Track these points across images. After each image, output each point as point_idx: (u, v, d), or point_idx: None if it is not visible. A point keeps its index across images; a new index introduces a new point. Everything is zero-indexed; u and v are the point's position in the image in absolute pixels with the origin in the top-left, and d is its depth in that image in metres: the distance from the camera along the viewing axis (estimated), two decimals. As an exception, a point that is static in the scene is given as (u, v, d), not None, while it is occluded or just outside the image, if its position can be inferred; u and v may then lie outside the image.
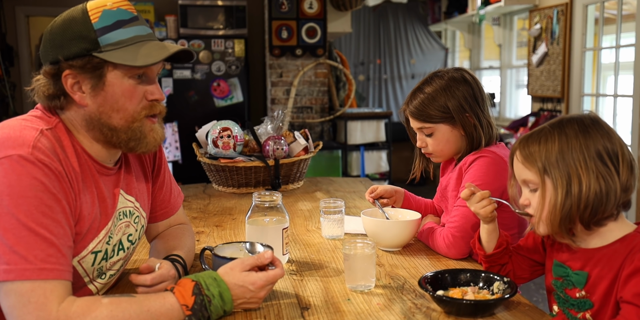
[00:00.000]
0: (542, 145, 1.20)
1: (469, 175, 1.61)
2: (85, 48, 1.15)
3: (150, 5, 5.38)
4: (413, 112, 1.68)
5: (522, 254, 1.39)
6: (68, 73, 1.16)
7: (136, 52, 1.17)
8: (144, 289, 1.22)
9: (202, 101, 5.25)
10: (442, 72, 1.69)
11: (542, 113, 4.87)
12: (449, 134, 1.67)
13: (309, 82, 5.38)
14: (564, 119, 1.22)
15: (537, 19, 4.96)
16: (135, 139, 1.22)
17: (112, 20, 1.17)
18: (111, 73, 1.17)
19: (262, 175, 2.45)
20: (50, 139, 1.13)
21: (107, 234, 1.24)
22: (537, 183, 1.20)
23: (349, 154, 5.38)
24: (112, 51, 1.16)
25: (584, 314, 1.22)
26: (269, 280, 1.19)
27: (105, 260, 1.26)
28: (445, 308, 1.21)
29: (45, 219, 1.04)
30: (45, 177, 1.06)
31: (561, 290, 1.26)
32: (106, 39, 1.16)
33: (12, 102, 5.51)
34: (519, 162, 1.23)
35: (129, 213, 1.32)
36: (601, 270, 1.18)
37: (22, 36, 5.92)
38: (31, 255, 1.01)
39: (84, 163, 1.20)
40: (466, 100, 1.64)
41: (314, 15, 5.17)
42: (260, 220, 1.52)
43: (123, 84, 1.18)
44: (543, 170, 1.18)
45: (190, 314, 1.10)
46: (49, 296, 1.01)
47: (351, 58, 7.37)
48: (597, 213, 1.15)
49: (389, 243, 1.64)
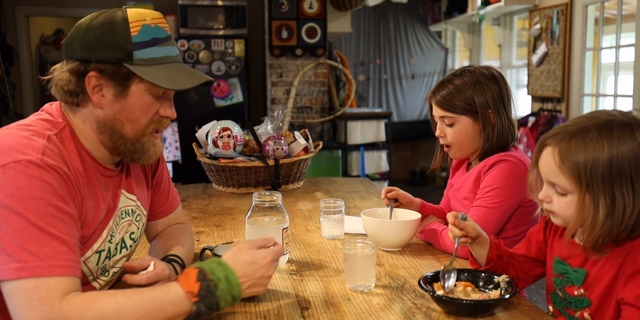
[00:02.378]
0: (588, 153, 1.08)
1: (490, 177, 1.62)
2: (119, 57, 1.17)
3: (150, 5, 5.38)
4: (439, 100, 1.70)
5: (524, 254, 1.39)
6: (94, 75, 1.18)
7: (166, 73, 1.21)
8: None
9: (202, 101, 5.25)
10: (474, 68, 1.71)
11: (542, 113, 4.87)
12: (469, 127, 1.68)
13: (309, 82, 5.38)
14: (612, 122, 1.10)
15: (537, 19, 4.96)
16: (140, 152, 1.26)
17: (150, 36, 1.20)
18: (136, 86, 1.20)
19: (262, 175, 2.45)
20: (57, 144, 1.14)
21: (109, 233, 1.26)
22: (570, 191, 1.12)
23: (349, 154, 5.38)
24: (144, 67, 1.19)
25: (581, 312, 1.21)
26: (276, 254, 1.21)
27: (108, 259, 1.28)
28: (445, 308, 1.21)
29: (54, 219, 1.05)
30: (54, 180, 1.08)
31: (560, 287, 1.26)
32: (141, 53, 1.19)
33: (12, 102, 5.51)
34: (554, 163, 1.12)
35: (131, 211, 1.34)
36: (601, 269, 1.17)
37: (22, 36, 5.92)
38: (42, 253, 1.02)
39: (88, 166, 1.22)
40: (492, 98, 1.66)
41: (314, 15, 5.17)
42: (260, 220, 1.52)
43: (144, 98, 1.21)
44: (585, 183, 1.08)
45: (197, 300, 1.08)
46: (52, 291, 1.01)
47: (351, 58, 7.37)
48: (634, 231, 1.10)
49: (389, 243, 1.64)
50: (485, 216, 1.57)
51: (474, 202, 1.64)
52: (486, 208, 1.59)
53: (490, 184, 1.61)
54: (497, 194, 1.59)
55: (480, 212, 1.59)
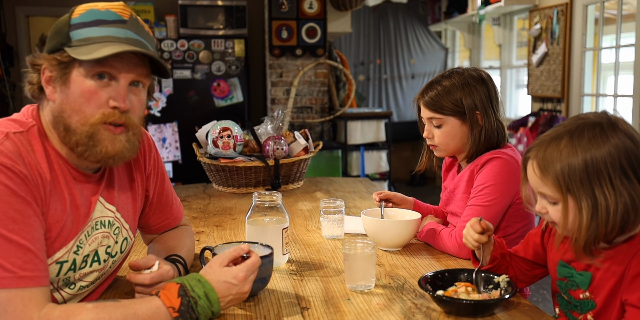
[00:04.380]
0: (563, 159, 1.10)
1: (482, 176, 1.62)
2: (60, 42, 1.14)
3: (150, 5, 5.37)
4: (427, 101, 1.70)
5: (522, 256, 1.39)
6: (45, 67, 1.15)
7: (96, 49, 1.11)
8: (141, 289, 1.21)
9: (202, 101, 5.24)
10: (462, 69, 1.72)
11: (542, 113, 4.87)
12: (457, 129, 1.68)
13: (309, 82, 5.38)
14: (582, 125, 1.12)
15: (537, 19, 4.96)
16: (83, 144, 1.13)
17: (92, 18, 1.14)
18: (76, 70, 1.12)
19: (262, 175, 2.45)
20: (15, 143, 1.08)
21: (76, 244, 1.18)
22: (558, 199, 1.13)
23: (349, 154, 5.38)
24: (77, 47, 1.12)
25: (585, 315, 1.21)
26: (249, 269, 1.18)
27: (72, 271, 1.18)
28: (445, 308, 1.21)
29: (17, 225, 1.01)
30: (10, 180, 1.02)
31: (565, 291, 1.26)
32: (77, 34, 1.13)
33: (12, 102, 5.51)
34: (536, 176, 1.15)
35: (107, 223, 1.25)
36: (606, 272, 1.17)
37: (22, 36, 5.92)
38: (8, 263, 0.98)
39: (57, 168, 1.15)
40: (481, 100, 1.66)
41: (314, 15, 5.17)
42: (260, 220, 1.52)
43: (84, 83, 1.12)
44: (566, 189, 1.10)
45: (177, 315, 1.08)
46: (27, 304, 0.98)
47: (351, 58, 7.37)
48: (624, 230, 1.11)
49: (389, 243, 1.64)
50: (480, 215, 1.57)
51: (468, 202, 1.64)
52: (481, 206, 1.59)
53: (483, 182, 1.61)
54: (491, 192, 1.59)
55: (475, 211, 1.59)
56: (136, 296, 1.22)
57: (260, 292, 1.32)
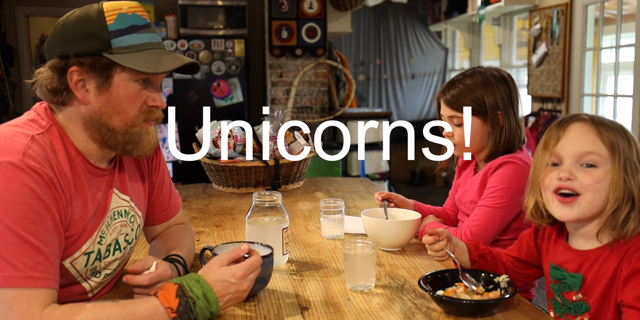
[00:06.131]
0: (613, 128, 1.18)
1: (494, 179, 1.62)
2: (97, 48, 1.16)
3: (150, 5, 5.38)
4: (448, 99, 1.69)
5: (515, 256, 1.40)
6: (75, 69, 1.16)
7: (146, 58, 1.18)
8: (140, 290, 1.21)
9: (202, 101, 5.24)
10: (484, 69, 1.71)
11: (542, 113, 4.87)
12: (478, 128, 1.68)
13: (309, 82, 5.38)
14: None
15: (537, 19, 4.96)
16: (132, 143, 1.23)
17: (127, 24, 1.18)
18: (118, 75, 1.18)
19: (262, 175, 2.45)
20: (41, 145, 1.11)
21: (99, 234, 1.23)
22: (601, 160, 1.16)
23: (349, 154, 5.38)
24: (124, 54, 1.17)
25: (581, 317, 1.22)
26: (247, 268, 1.18)
27: (99, 260, 1.24)
28: (445, 308, 1.21)
29: (34, 226, 1.03)
30: (36, 184, 1.05)
31: (559, 293, 1.26)
32: (119, 41, 1.17)
33: (12, 102, 5.51)
34: (593, 133, 1.17)
35: (124, 212, 1.31)
36: (597, 272, 1.17)
37: (22, 36, 5.92)
38: (19, 263, 1.00)
39: (77, 166, 1.19)
40: (502, 99, 1.66)
41: (314, 15, 5.17)
42: (260, 220, 1.52)
43: (128, 87, 1.19)
44: (611, 147, 1.16)
45: (175, 316, 1.08)
46: (32, 303, 1.00)
47: (351, 58, 7.37)
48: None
49: (389, 243, 1.64)
50: (489, 216, 1.59)
51: (479, 202, 1.65)
52: (490, 208, 1.60)
53: (495, 184, 1.62)
54: (502, 195, 1.60)
55: (484, 211, 1.60)
56: (135, 297, 1.23)
57: (260, 292, 1.32)
